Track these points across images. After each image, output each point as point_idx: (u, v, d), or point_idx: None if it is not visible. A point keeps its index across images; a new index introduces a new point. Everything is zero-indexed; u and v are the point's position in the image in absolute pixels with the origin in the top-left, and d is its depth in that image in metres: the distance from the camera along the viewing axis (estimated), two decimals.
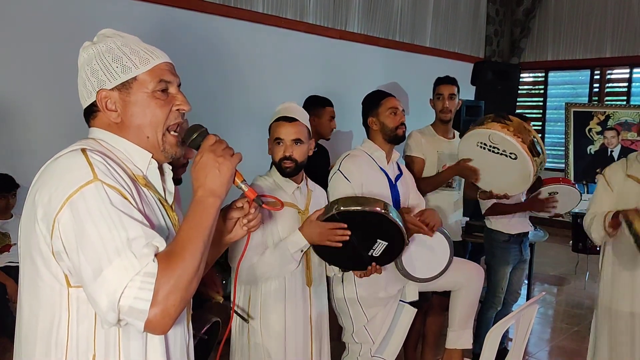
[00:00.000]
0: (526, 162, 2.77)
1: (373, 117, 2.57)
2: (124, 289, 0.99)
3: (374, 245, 2.16)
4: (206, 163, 1.14)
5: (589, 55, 7.28)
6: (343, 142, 4.88)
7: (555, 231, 6.03)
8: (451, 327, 2.67)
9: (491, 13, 7.46)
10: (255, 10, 4.70)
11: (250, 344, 2.15)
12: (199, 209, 1.12)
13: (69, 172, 1.06)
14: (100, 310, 1.02)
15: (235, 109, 4.58)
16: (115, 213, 1.03)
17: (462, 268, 2.61)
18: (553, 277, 5.82)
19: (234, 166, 1.17)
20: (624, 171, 2.60)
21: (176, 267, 1.03)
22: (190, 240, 1.07)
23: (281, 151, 2.12)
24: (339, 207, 2.05)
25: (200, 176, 1.14)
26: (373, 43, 5.82)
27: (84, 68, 1.19)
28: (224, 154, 1.16)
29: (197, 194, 1.14)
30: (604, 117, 6.64)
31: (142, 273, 1.00)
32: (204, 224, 1.11)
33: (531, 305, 2.38)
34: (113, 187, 1.06)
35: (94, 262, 1.00)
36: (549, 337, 4.27)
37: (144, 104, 1.18)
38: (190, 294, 1.07)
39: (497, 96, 6.05)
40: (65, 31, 3.53)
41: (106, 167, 1.08)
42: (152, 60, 1.19)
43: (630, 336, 2.58)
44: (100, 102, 1.17)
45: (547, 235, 4.29)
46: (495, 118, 2.84)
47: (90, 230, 1.02)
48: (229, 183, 1.17)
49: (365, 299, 2.45)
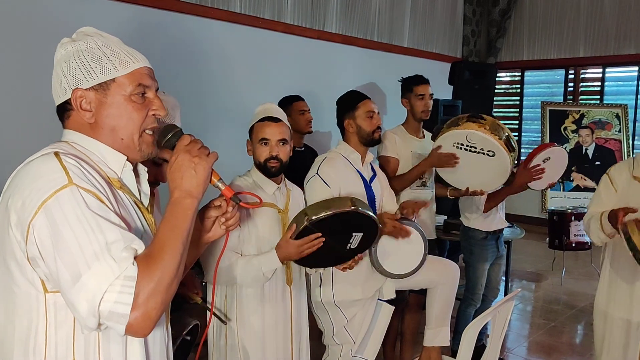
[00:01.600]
0: (504, 158, 2.85)
1: (350, 120, 2.56)
2: (104, 294, 0.98)
3: (351, 239, 2.17)
4: (181, 164, 1.14)
5: (564, 55, 7.40)
6: (322, 143, 4.88)
7: (532, 228, 6.13)
8: (428, 324, 2.70)
9: (468, 13, 7.54)
10: (233, 10, 4.68)
11: (227, 345, 2.15)
12: (176, 211, 1.11)
13: (43, 177, 1.05)
14: (80, 316, 1.01)
15: (212, 110, 4.55)
16: (92, 217, 1.02)
17: (437, 266, 2.64)
18: (530, 273, 5.90)
19: (210, 166, 1.16)
20: (630, 171, 2.48)
21: (156, 270, 1.02)
22: (168, 242, 1.07)
23: (267, 151, 2.12)
24: (309, 218, 2.02)
25: (176, 177, 1.13)
26: (351, 43, 5.83)
27: (61, 65, 1.17)
28: (200, 154, 1.15)
29: (173, 195, 1.13)
30: (579, 116, 6.76)
31: (122, 277, 0.99)
32: (181, 225, 1.10)
33: (507, 301, 2.41)
34: (89, 191, 1.05)
35: (71, 267, 0.99)
36: (527, 333, 4.33)
37: (120, 106, 1.16)
38: (171, 295, 1.07)
39: (475, 95, 6.13)
40: (40, 31, 3.48)
41: (81, 170, 1.07)
42: (132, 64, 1.18)
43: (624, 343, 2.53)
44: (75, 101, 1.15)
45: (524, 232, 4.35)
46: (469, 118, 2.88)
47: (67, 236, 1.00)
48: (206, 183, 1.16)
49: (343, 301, 2.46)
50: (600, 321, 2.64)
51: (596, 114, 6.73)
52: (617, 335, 2.56)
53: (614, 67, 7.24)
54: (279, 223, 2.17)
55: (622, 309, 2.53)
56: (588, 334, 4.16)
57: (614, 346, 2.58)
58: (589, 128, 6.71)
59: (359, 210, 2.08)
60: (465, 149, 2.90)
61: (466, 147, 2.90)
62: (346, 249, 2.19)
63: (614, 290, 2.56)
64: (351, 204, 2.07)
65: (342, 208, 2.05)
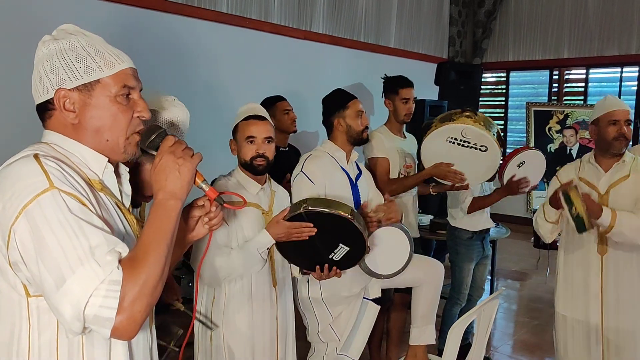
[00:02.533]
0: (496, 153, 2.93)
1: (339, 119, 2.56)
2: (89, 298, 0.97)
3: (336, 249, 2.18)
4: (166, 165, 1.13)
5: (548, 56, 7.48)
6: (309, 143, 4.89)
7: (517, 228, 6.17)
8: (414, 323, 2.71)
9: (454, 14, 7.59)
10: (219, 10, 4.67)
11: (213, 346, 2.15)
12: (161, 213, 1.11)
13: (23, 180, 1.03)
14: (64, 320, 1.00)
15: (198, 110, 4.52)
16: (74, 221, 1.01)
17: (422, 264, 2.66)
18: (515, 272, 5.96)
19: (194, 167, 1.16)
20: (576, 173, 2.57)
21: (141, 273, 1.02)
22: (153, 245, 1.06)
23: (253, 149, 2.13)
24: (307, 207, 2.05)
25: (161, 179, 1.13)
26: (338, 43, 5.85)
27: (43, 63, 1.15)
28: (184, 155, 1.14)
29: (157, 197, 1.13)
30: (563, 116, 6.83)
31: (107, 281, 0.99)
32: (166, 227, 1.10)
33: (492, 300, 2.44)
34: (70, 194, 1.04)
35: (55, 272, 0.99)
36: (512, 331, 4.38)
37: (104, 107, 1.15)
38: (156, 298, 1.06)
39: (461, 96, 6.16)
40: (23, 30, 3.44)
41: (62, 173, 1.06)
42: (117, 65, 1.17)
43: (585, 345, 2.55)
44: (58, 101, 1.13)
45: (509, 231, 4.39)
46: (464, 113, 2.92)
47: (50, 240, 0.99)
48: (190, 184, 1.15)
49: (329, 298, 2.47)
50: (560, 324, 2.65)
51: (580, 114, 6.81)
52: (578, 338, 2.56)
53: (598, 68, 7.34)
54: (263, 224, 2.17)
55: (579, 311, 2.55)
56: None
57: (576, 350, 2.57)
58: (573, 128, 6.79)
59: (354, 222, 2.09)
60: (459, 143, 2.94)
61: (459, 142, 2.94)
62: (328, 257, 2.20)
63: (570, 292, 2.58)
64: (350, 213, 2.09)
65: (340, 212, 2.07)
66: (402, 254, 2.49)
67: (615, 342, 2.48)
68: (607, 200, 2.44)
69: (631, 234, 2.33)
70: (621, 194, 2.42)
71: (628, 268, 2.44)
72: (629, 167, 2.46)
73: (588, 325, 2.53)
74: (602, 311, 2.48)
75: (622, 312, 2.46)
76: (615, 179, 2.46)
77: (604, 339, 2.50)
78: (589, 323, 2.52)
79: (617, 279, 2.45)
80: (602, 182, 2.48)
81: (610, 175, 2.47)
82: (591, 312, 2.51)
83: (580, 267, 2.54)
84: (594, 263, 2.49)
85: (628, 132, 2.42)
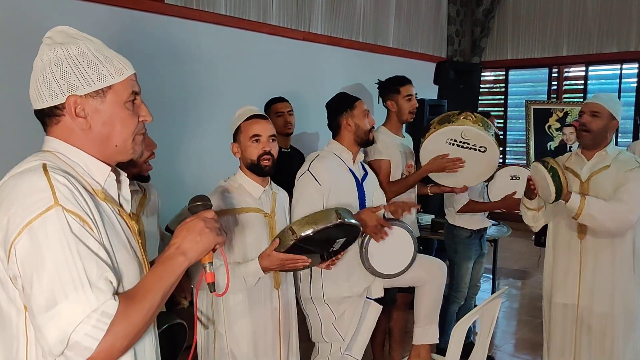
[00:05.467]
0: (495, 153, 2.94)
1: (347, 118, 2.57)
2: (78, 324, 0.98)
3: (333, 245, 2.20)
4: (193, 227, 1.19)
5: (547, 54, 7.47)
6: (309, 144, 4.89)
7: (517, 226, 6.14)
8: (417, 322, 2.71)
9: (452, 13, 7.58)
10: (218, 12, 4.67)
11: (216, 349, 2.14)
12: (167, 265, 1.15)
13: (30, 196, 1.03)
14: (45, 342, 1.00)
15: (198, 112, 4.54)
16: (74, 242, 1.03)
17: (424, 264, 2.66)
18: (517, 271, 5.96)
19: (214, 244, 1.21)
20: (563, 163, 2.67)
21: (135, 314, 1.05)
22: (152, 291, 1.10)
23: (260, 148, 2.12)
24: (296, 235, 2.01)
25: (181, 234, 1.18)
26: (336, 44, 5.84)
27: (51, 68, 1.13)
28: (212, 228, 1.20)
29: (170, 249, 1.17)
30: (563, 114, 6.82)
31: (100, 312, 1.00)
32: (167, 279, 1.14)
33: (495, 299, 2.44)
34: (73, 213, 1.04)
35: (47, 293, 0.99)
36: (514, 330, 4.38)
37: (115, 113, 1.17)
38: (139, 338, 1.10)
39: (460, 95, 6.15)
40: (22, 33, 3.44)
41: (69, 190, 1.06)
42: (125, 71, 1.18)
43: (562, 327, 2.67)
44: (70, 108, 1.13)
45: (510, 230, 4.39)
46: (463, 114, 2.92)
47: (48, 261, 1.00)
48: (202, 254, 1.20)
49: (332, 298, 2.47)
50: (546, 307, 2.79)
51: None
52: (558, 318, 2.69)
53: (597, 66, 7.33)
54: (266, 227, 2.17)
55: (560, 293, 2.67)
56: None
57: (554, 331, 2.70)
58: (573, 126, 6.76)
59: (344, 221, 2.09)
60: (458, 145, 2.94)
61: (459, 144, 2.94)
62: (328, 251, 2.21)
63: (553, 275, 2.72)
64: (337, 217, 2.08)
65: (328, 222, 2.05)
66: (406, 253, 2.50)
67: (588, 322, 2.60)
68: (588, 188, 2.57)
69: (600, 216, 2.43)
70: (600, 182, 2.54)
71: (604, 253, 2.56)
72: (611, 158, 2.57)
73: (566, 306, 2.65)
74: (579, 292, 2.61)
75: (597, 293, 2.57)
76: (596, 168, 2.58)
77: (577, 318, 2.62)
78: (566, 304, 2.65)
79: (595, 262, 2.58)
80: (584, 171, 2.61)
81: (591, 164, 2.60)
82: (569, 293, 2.64)
83: (562, 251, 2.68)
84: (574, 246, 2.62)
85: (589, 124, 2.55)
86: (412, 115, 3.21)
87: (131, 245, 1.19)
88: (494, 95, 8.30)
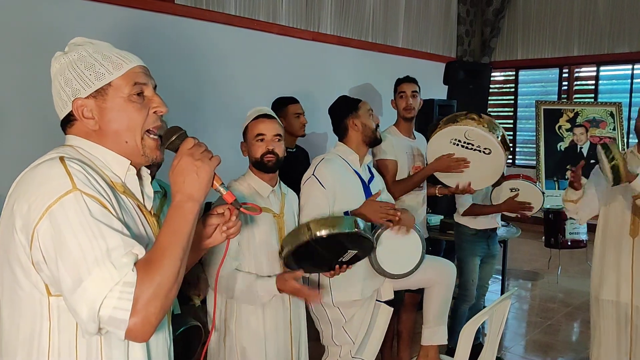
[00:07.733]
0: (500, 156, 2.90)
1: (354, 119, 2.57)
2: (103, 299, 0.99)
3: (344, 254, 2.21)
4: (184, 167, 1.13)
5: (558, 54, 7.42)
6: (318, 144, 4.89)
7: (527, 227, 6.14)
8: (426, 323, 2.70)
9: (462, 13, 7.56)
10: (228, 12, 4.69)
11: (226, 347, 2.15)
12: (178, 215, 1.11)
13: (48, 182, 1.05)
14: (81, 321, 1.01)
15: (209, 112, 4.56)
16: (94, 223, 1.03)
17: (433, 265, 2.65)
18: (527, 272, 5.92)
19: (213, 169, 1.15)
20: None
21: (155, 275, 1.03)
22: (169, 247, 1.07)
23: (263, 147, 2.15)
24: (312, 233, 2.03)
25: (178, 181, 1.12)
26: (346, 44, 5.84)
27: (57, 78, 1.18)
28: (202, 157, 1.14)
29: (175, 199, 1.13)
30: (573, 115, 6.77)
31: (122, 283, 1.00)
32: (182, 229, 1.10)
33: (504, 300, 2.43)
34: (92, 197, 1.05)
35: (73, 272, 1.00)
36: (524, 332, 4.35)
37: (120, 109, 1.17)
38: (171, 300, 1.07)
39: (469, 95, 6.14)
40: (38, 36, 3.48)
41: (85, 175, 1.07)
42: (125, 65, 1.18)
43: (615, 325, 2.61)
44: (77, 111, 1.16)
45: (519, 231, 4.36)
46: (468, 115, 2.91)
47: (70, 241, 1.01)
48: (208, 187, 1.15)
49: (341, 302, 2.47)
50: (594, 306, 2.73)
51: (590, 112, 6.75)
52: (609, 319, 2.63)
53: (608, 66, 7.28)
54: (275, 227, 2.18)
55: (611, 292, 2.62)
56: (584, 332, 4.18)
57: (607, 330, 2.64)
58: (584, 126, 6.73)
59: (361, 232, 2.11)
60: (463, 145, 2.93)
61: (463, 144, 2.92)
62: (338, 261, 2.23)
63: (604, 273, 2.66)
64: (355, 226, 2.10)
65: (345, 229, 2.07)
66: (414, 254, 2.49)
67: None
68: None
69: None
70: None
71: None
72: None
73: (618, 305, 2.60)
74: (632, 292, 2.55)
75: None
76: None
77: (632, 319, 2.56)
78: (619, 303, 2.60)
79: None
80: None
81: None
82: (621, 293, 2.58)
83: (613, 249, 2.63)
84: (626, 244, 2.57)
85: None
86: (406, 112, 3.25)
87: (150, 240, 1.19)
88: (503, 96, 8.27)
